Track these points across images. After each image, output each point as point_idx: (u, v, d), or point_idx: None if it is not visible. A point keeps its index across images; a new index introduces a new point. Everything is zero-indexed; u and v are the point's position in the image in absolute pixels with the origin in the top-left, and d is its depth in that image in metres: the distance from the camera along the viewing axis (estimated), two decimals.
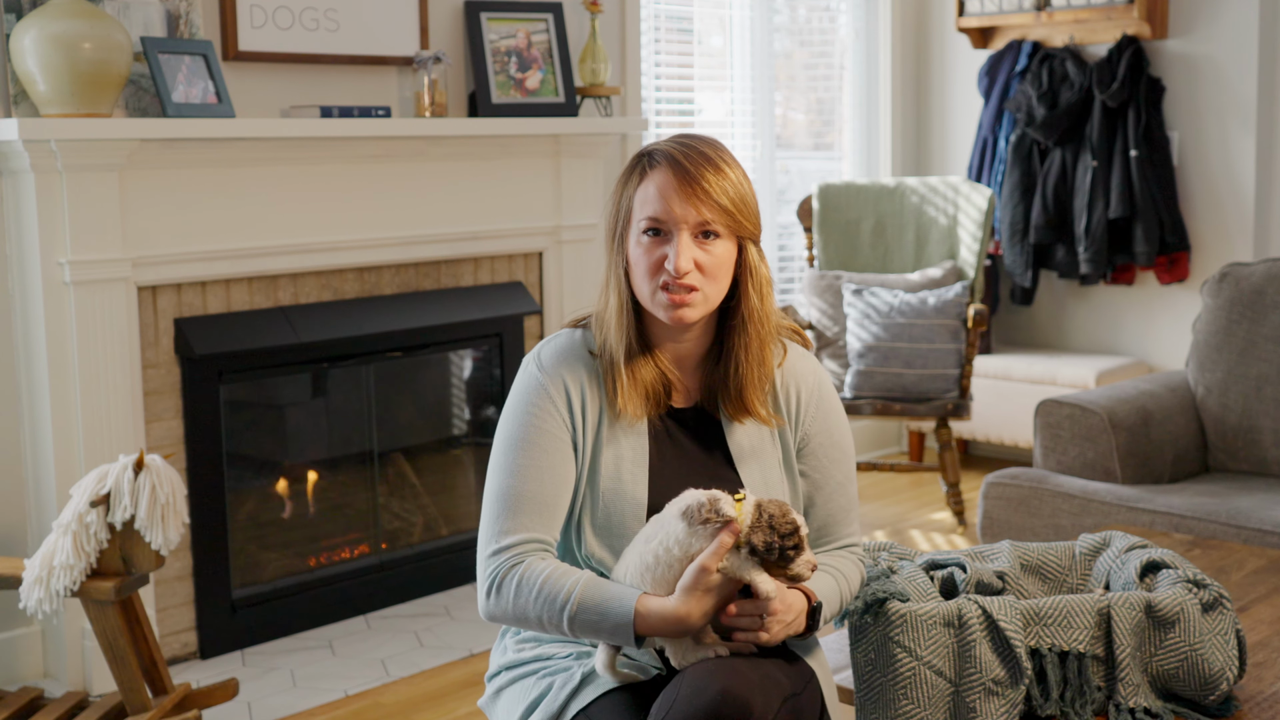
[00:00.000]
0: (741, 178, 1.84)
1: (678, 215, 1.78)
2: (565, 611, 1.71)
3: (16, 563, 2.89)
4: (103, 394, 3.24)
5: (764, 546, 1.64)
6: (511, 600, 1.75)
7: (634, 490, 1.82)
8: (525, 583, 1.74)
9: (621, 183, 1.86)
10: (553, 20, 4.16)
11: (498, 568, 1.77)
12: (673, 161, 1.80)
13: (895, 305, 4.49)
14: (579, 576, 1.74)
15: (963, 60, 5.56)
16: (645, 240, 1.81)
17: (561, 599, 1.71)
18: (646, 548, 1.70)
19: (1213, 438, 3.63)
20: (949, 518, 4.71)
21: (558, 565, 1.76)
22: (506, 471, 1.81)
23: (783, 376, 1.92)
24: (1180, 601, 1.86)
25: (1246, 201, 4.83)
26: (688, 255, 1.78)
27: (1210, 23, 4.85)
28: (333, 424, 3.90)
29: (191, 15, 3.45)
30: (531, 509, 1.78)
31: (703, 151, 1.81)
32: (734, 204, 1.81)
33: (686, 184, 1.78)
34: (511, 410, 1.86)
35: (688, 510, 1.68)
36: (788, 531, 1.65)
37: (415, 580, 3.96)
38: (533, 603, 1.73)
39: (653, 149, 1.85)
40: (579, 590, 1.71)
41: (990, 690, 1.77)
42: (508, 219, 4.07)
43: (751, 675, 1.65)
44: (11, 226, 3.24)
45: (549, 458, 1.81)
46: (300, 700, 3.26)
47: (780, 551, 1.65)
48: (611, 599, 1.70)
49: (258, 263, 3.54)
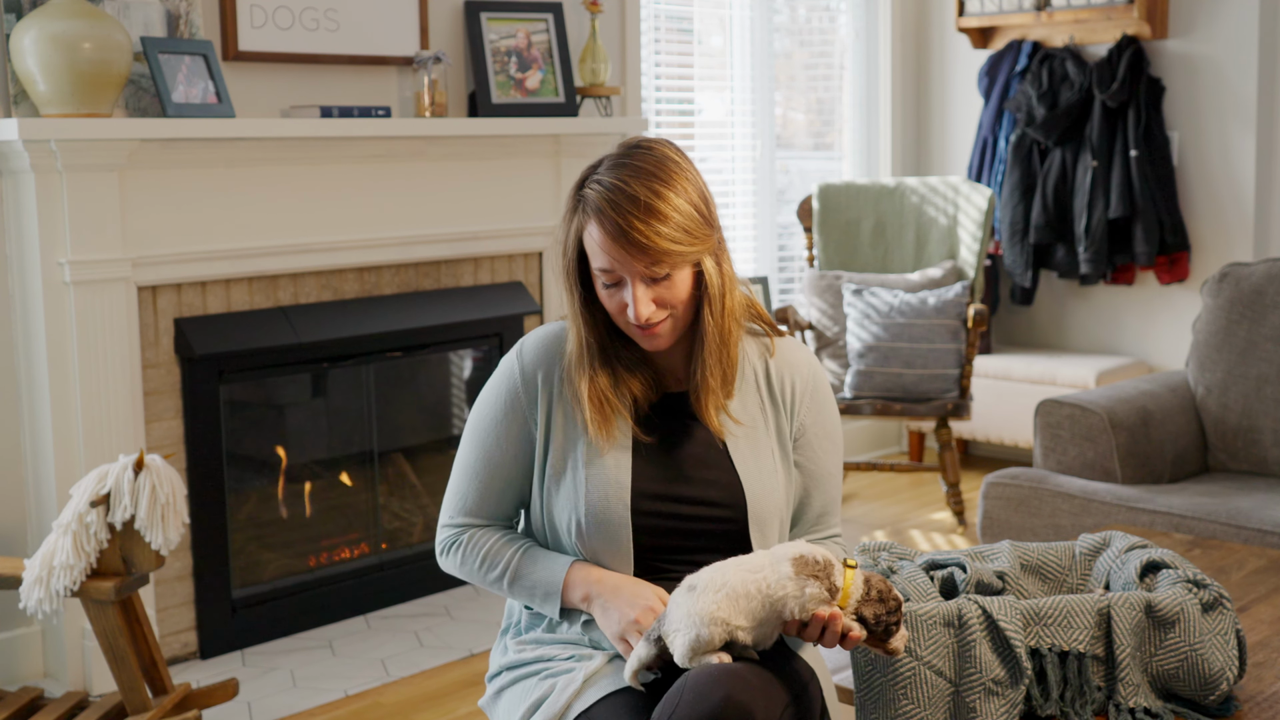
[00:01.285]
0: (680, 200, 1.75)
1: (626, 268, 1.76)
2: (505, 578, 1.89)
3: (16, 563, 2.89)
4: (103, 394, 3.23)
5: (874, 619, 1.69)
6: (458, 567, 1.93)
7: (618, 475, 1.83)
8: (469, 552, 1.91)
9: (565, 219, 1.83)
10: (553, 20, 4.16)
11: (447, 538, 1.94)
12: (602, 215, 1.74)
13: (895, 305, 4.49)
14: (518, 546, 1.89)
15: (963, 60, 5.56)
16: (604, 288, 1.81)
17: (499, 569, 1.89)
18: (751, 577, 1.69)
19: (1213, 438, 3.63)
20: (949, 518, 4.71)
21: (501, 536, 1.91)
22: (471, 445, 1.92)
23: (777, 366, 1.93)
24: (1180, 601, 1.86)
25: (1246, 201, 4.83)
26: (645, 302, 1.77)
27: (1210, 23, 4.85)
28: (333, 424, 3.90)
29: (191, 15, 3.45)
30: (487, 490, 1.91)
31: (632, 196, 1.73)
32: (676, 239, 1.74)
33: (622, 239, 1.73)
34: (488, 388, 1.94)
35: (802, 559, 1.69)
36: (894, 608, 1.70)
37: (415, 580, 3.96)
38: (476, 570, 1.91)
39: (584, 193, 1.79)
40: (516, 560, 1.88)
41: (990, 690, 1.77)
42: (508, 219, 4.07)
43: (754, 681, 1.66)
44: (11, 226, 3.24)
45: (513, 446, 1.89)
46: (300, 700, 3.26)
47: (885, 627, 1.69)
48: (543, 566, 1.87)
49: (258, 263, 3.54)
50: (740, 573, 1.70)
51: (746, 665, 1.69)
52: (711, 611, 1.66)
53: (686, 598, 1.69)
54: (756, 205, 5.29)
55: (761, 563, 1.71)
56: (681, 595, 1.70)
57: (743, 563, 1.71)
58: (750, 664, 1.71)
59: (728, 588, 1.68)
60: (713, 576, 1.70)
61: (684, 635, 1.67)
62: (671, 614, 1.70)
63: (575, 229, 1.81)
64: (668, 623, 1.70)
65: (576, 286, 1.84)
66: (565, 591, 1.84)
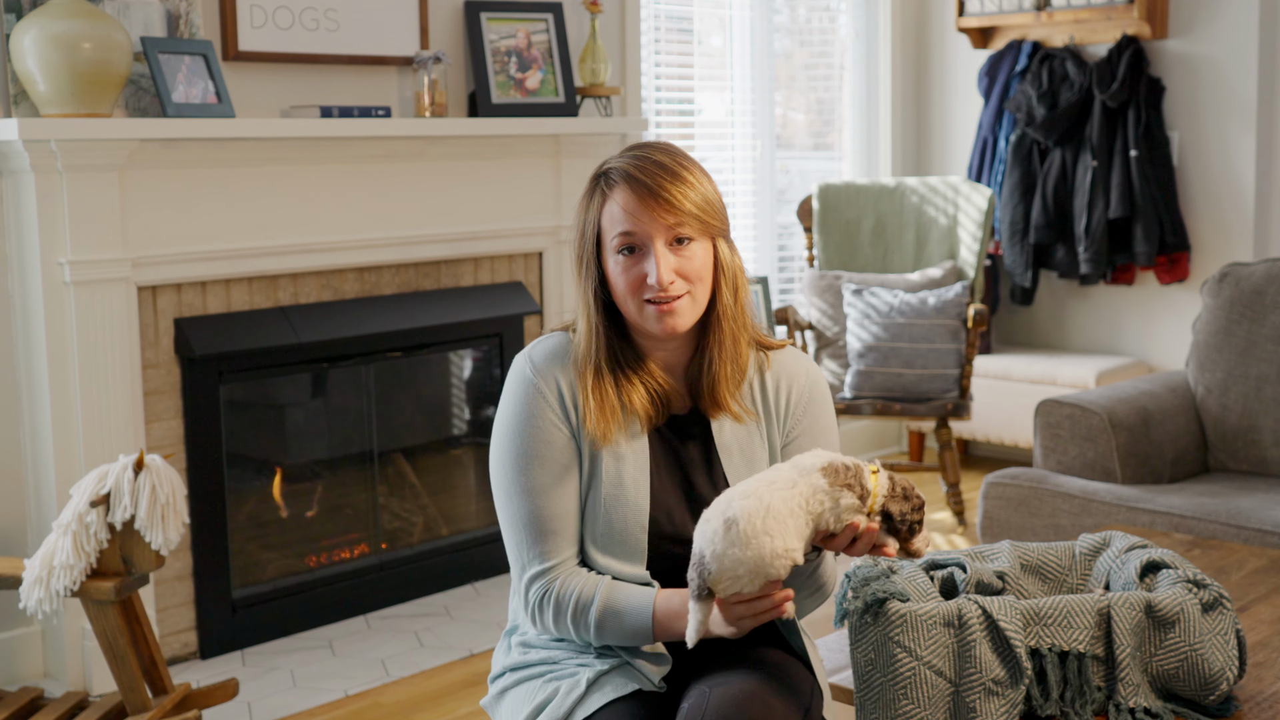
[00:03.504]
0: (702, 178, 1.83)
1: (648, 229, 1.78)
2: (591, 633, 1.80)
3: (16, 563, 2.89)
4: (103, 394, 3.23)
5: (899, 516, 1.66)
6: (552, 623, 1.82)
7: (636, 498, 1.82)
8: (560, 605, 1.81)
9: (584, 206, 1.86)
10: (553, 20, 4.16)
11: (533, 595, 1.82)
12: (630, 179, 1.79)
13: (895, 305, 4.49)
14: (596, 590, 1.80)
15: (963, 60, 5.56)
16: (622, 259, 1.81)
17: (588, 618, 1.79)
18: (789, 494, 1.63)
19: (1213, 438, 3.63)
20: (949, 518, 4.71)
21: (583, 581, 1.81)
22: (523, 493, 1.82)
23: (774, 375, 1.92)
24: (1180, 601, 1.86)
25: (1246, 201, 4.83)
26: (667, 266, 1.78)
27: (1210, 23, 4.85)
28: (333, 424, 3.90)
29: (191, 15, 3.45)
30: (555, 528, 1.81)
31: (659, 162, 1.80)
32: (700, 206, 1.79)
33: (649, 197, 1.77)
34: (511, 420, 1.84)
35: (831, 468, 1.65)
36: (918, 505, 1.67)
37: (415, 580, 3.96)
38: (569, 623, 1.81)
39: (608, 168, 1.84)
40: (595, 616, 1.79)
41: (990, 690, 1.77)
42: (508, 219, 4.07)
43: (775, 703, 1.68)
44: (11, 226, 3.24)
45: (560, 470, 1.82)
46: (300, 700, 3.26)
47: (910, 525, 1.67)
48: (628, 609, 1.78)
49: (258, 263, 3.54)
50: (775, 492, 1.63)
51: (762, 683, 1.71)
52: (773, 549, 1.60)
53: (727, 537, 1.61)
54: (756, 205, 5.29)
55: (792, 477, 1.65)
56: (720, 534, 1.62)
57: (773, 481, 1.65)
58: (765, 679, 1.73)
59: (772, 513, 1.61)
60: (749, 506, 1.62)
61: (752, 581, 1.62)
62: (718, 558, 1.61)
63: (596, 206, 1.83)
64: (714, 573, 1.62)
65: (594, 270, 1.84)
66: (656, 633, 1.79)
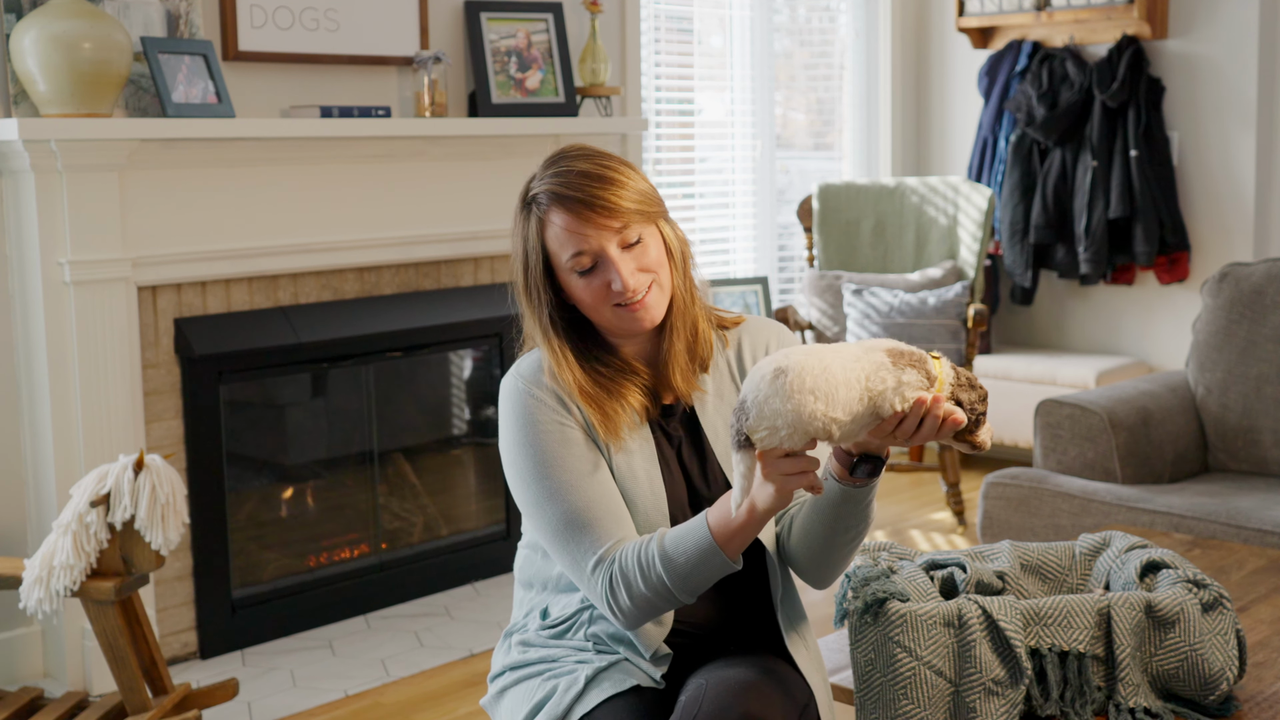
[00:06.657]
0: (628, 171, 1.80)
1: (597, 241, 1.76)
2: (666, 578, 1.68)
3: (16, 563, 2.89)
4: (103, 394, 3.23)
5: (968, 406, 1.63)
6: (629, 600, 1.72)
7: (652, 487, 1.82)
8: (628, 577, 1.71)
9: (520, 232, 1.84)
10: (553, 20, 4.16)
11: (600, 586, 1.74)
12: (561, 198, 1.76)
13: (895, 305, 4.49)
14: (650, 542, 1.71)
15: (963, 60, 5.56)
16: (583, 279, 1.79)
17: (656, 569, 1.69)
18: (851, 365, 1.57)
19: (1213, 438, 3.63)
20: (949, 518, 4.70)
21: (637, 544, 1.72)
22: (550, 497, 1.77)
23: (748, 342, 1.93)
24: (1180, 601, 1.86)
25: (1246, 201, 4.83)
26: (629, 269, 1.77)
27: (1210, 23, 4.85)
28: (333, 424, 3.90)
29: (191, 15, 3.45)
30: (594, 516, 1.75)
31: (583, 171, 1.77)
32: (637, 202, 1.78)
33: (587, 210, 1.75)
34: (516, 433, 1.82)
35: (896, 350, 1.60)
36: (983, 395, 1.65)
37: (415, 580, 3.96)
38: (643, 589, 1.70)
39: (535, 192, 1.81)
40: (658, 556, 1.69)
41: (990, 690, 1.77)
42: (508, 219, 4.03)
43: (773, 696, 1.68)
44: (11, 226, 3.24)
45: (578, 463, 1.79)
46: (300, 700, 3.26)
47: (976, 416, 1.64)
48: (685, 533, 1.69)
49: (258, 263, 3.54)
50: (838, 358, 1.57)
51: (760, 676, 1.71)
52: (813, 410, 1.54)
53: (773, 385, 1.55)
54: (756, 205, 5.29)
55: (856, 353, 1.60)
56: (766, 380, 1.56)
57: (839, 349, 1.60)
58: (762, 674, 1.72)
59: (828, 374, 1.55)
60: (807, 361, 1.56)
61: (792, 437, 1.56)
62: (758, 405, 1.56)
63: (535, 232, 1.80)
64: (752, 420, 1.57)
65: (546, 291, 1.82)
66: (717, 537, 1.69)
